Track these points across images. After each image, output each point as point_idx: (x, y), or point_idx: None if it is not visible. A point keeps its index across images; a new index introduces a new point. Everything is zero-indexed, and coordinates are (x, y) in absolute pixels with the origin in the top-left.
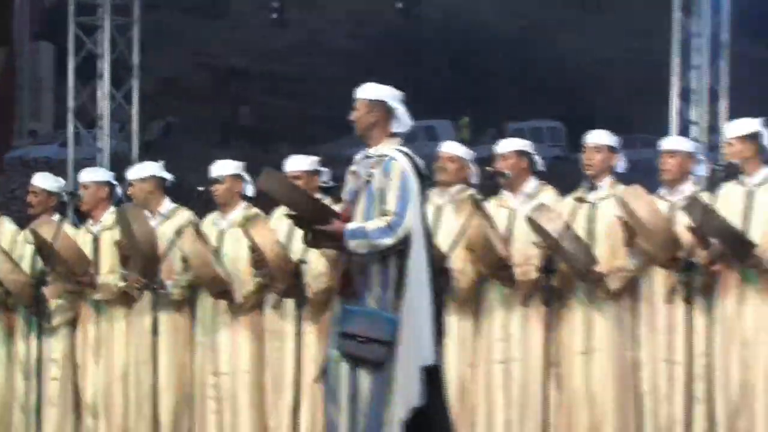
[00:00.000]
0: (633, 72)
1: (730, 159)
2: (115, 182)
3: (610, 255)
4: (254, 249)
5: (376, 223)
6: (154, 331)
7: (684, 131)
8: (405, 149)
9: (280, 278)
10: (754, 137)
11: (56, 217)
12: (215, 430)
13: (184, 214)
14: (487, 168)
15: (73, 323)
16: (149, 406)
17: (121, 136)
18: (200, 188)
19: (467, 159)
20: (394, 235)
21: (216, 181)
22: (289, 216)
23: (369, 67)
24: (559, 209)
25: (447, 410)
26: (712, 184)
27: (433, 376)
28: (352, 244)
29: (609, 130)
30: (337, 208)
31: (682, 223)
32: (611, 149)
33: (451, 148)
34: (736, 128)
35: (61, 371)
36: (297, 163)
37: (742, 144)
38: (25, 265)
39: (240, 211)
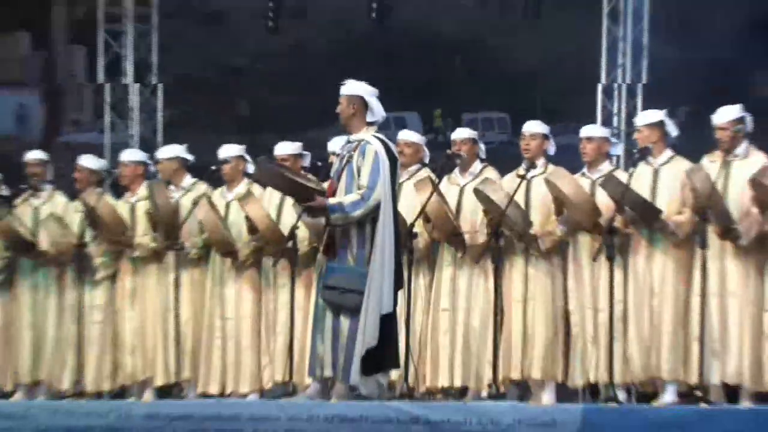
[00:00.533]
0: (567, 70)
1: (640, 144)
2: (149, 162)
3: (543, 221)
4: (248, 220)
5: (351, 198)
6: (177, 283)
7: (608, 121)
8: (380, 135)
9: (270, 243)
10: (660, 125)
11: (98, 190)
12: (219, 362)
13: (201, 188)
14: (447, 151)
15: (112, 277)
16: (174, 344)
17: (149, 124)
18: (212, 167)
19: (421, 144)
20: (365, 206)
21: (224, 161)
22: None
23: (348, 67)
24: (501, 183)
25: (396, 348)
26: (630, 164)
27: (387, 321)
28: (333, 217)
29: (546, 120)
30: (325, 184)
31: (601, 196)
32: (544, 136)
33: (407, 135)
34: (644, 117)
35: (102, 315)
36: (284, 148)
37: (650, 130)
38: (75, 230)
39: (243, 186)
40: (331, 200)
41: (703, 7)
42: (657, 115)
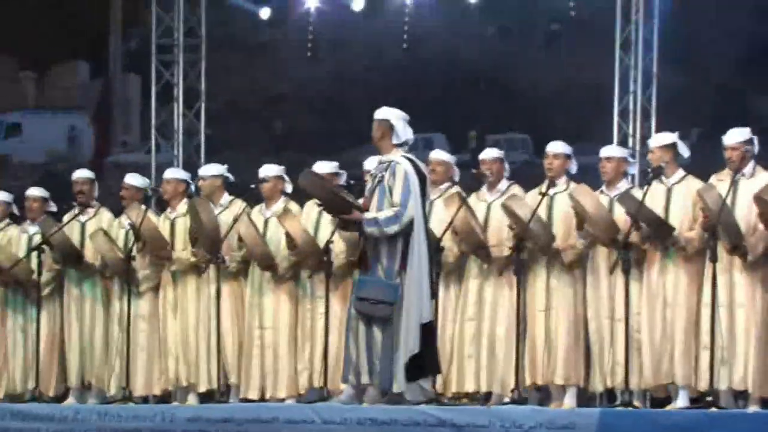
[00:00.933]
0: (584, 95)
1: (653, 164)
2: (190, 181)
3: (564, 235)
4: (288, 236)
5: (386, 214)
6: (218, 295)
7: (623, 142)
8: (409, 155)
9: (309, 257)
10: (672, 146)
11: (143, 207)
12: (258, 369)
13: (238, 205)
14: (473, 170)
15: (156, 289)
16: (215, 351)
17: (192, 146)
18: (252, 186)
19: (451, 162)
20: (399, 223)
21: (263, 180)
22: (320, 206)
23: (381, 93)
24: (525, 200)
25: (437, 355)
26: (644, 183)
27: (427, 330)
28: (368, 230)
29: (565, 141)
30: (360, 200)
31: (619, 213)
32: (567, 156)
33: (439, 154)
34: (657, 139)
35: (148, 325)
36: (322, 167)
37: (662, 151)
38: (120, 245)
39: (281, 203)
40: (367, 215)
41: (708, 37)
42: (670, 137)
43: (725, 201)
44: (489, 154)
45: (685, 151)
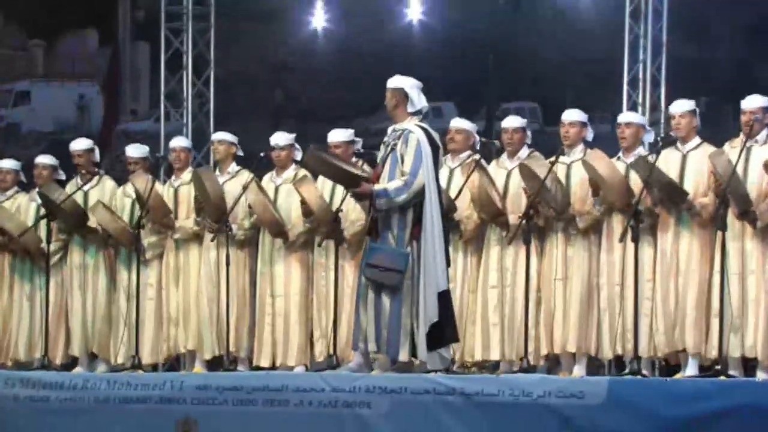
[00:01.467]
0: (593, 65)
1: (678, 131)
2: (193, 150)
3: (581, 202)
4: (303, 202)
5: (395, 184)
6: (227, 262)
7: (632, 111)
8: (422, 124)
9: (322, 225)
10: (693, 113)
11: (148, 175)
12: (269, 337)
13: (245, 174)
14: (482, 139)
15: (161, 257)
16: (216, 319)
17: (201, 114)
18: (261, 154)
19: (472, 131)
20: (407, 191)
21: (276, 148)
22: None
23: (388, 65)
24: (545, 161)
25: (454, 322)
26: (657, 150)
27: (444, 298)
28: (378, 202)
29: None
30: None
31: (635, 179)
32: (582, 124)
33: (458, 122)
34: (681, 105)
35: (155, 293)
36: (337, 135)
37: (689, 117)
38: (126, 214)
39: (291, 171)
40: (377, 186)
41: (718, 6)
42: (691, 103)
43: (735, 166)
44: (511, 122)
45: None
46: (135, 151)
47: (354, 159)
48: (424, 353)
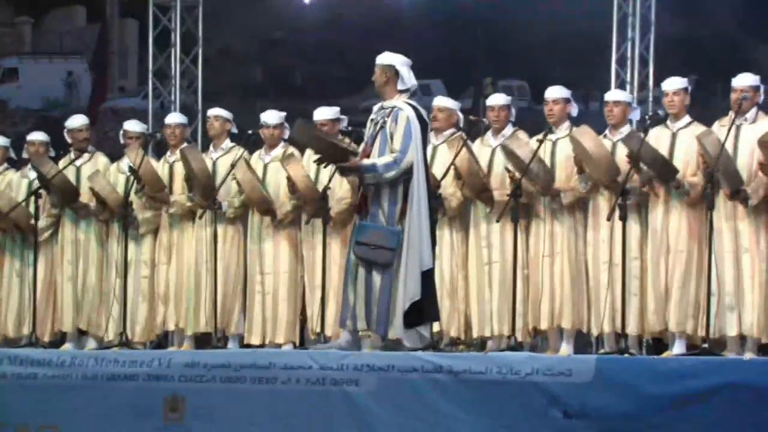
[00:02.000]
0: (581, 43)
1: (672, 107)
2: (188, 125)
3: (566, 179)
4: (290, 180)
5: (384, 159)
6: (214, 240)
7: (620, 88)
8: (411, 102)
9: (309, 202)
10: (686, 91)
11: (141, 150)
12: (260, 315)
13: (238, 151)
14: (470, 117)
15: (156, 233)
16: (210, 294)
17: (189, 91)
18: (249, 132)
19: (455, 109)
20: (397, 168)
21: (265, 126)
22: (316, 160)
23: (378, 40)
24: (526, 141)
25: (436, 302)
26: (645, 128)
27: (427, 276)
28: (367, 177)
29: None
30: (360, 147)
31: (621, 156)
32: (566, 100)
33: (441, 101)
34: (676, 82)
35: (149, 270)
36: (323, 113)
37: (683, 95)
38: (120, 189)
39: (280, 149)
40: (365, 161)
41: None
42: (684, 81)
43: (724, 146)
44: (497, 100)
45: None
46: (135, 126)
47: (340, 137)
48: (401, 330)
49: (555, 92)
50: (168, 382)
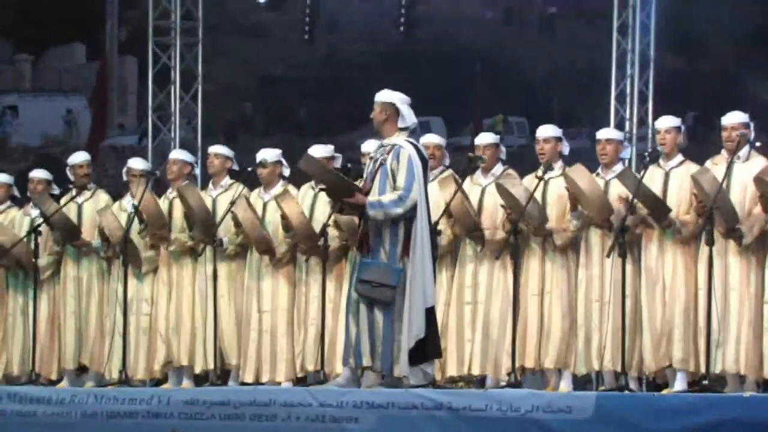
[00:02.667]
0: (580, 79)
1: (663, 146)
2: (194, 163)
3: (558, 219)
4: (284, 217)
5: (389, 197)
6: (215, 276)
7: (619, 125)
8: (411, 140)
9: (303, 240)
10: (678, 129)
11: (144, 189)
12: (255, 353)
13: (238, 188)
14: (469, 154)
15: (155, 271)
16: (211, 332)
17: (188, 128)
18: (248, 169)
19: (442, 145)
20: (403, 206)
21: (262, 164)
22: (322, 190)
23: (377, 76)
24: (520, 181)
25: (438, 339)
26: (645, 165)
27: (430, 314)
28: (371, 213)
29: (564, 124)
30: (359, 183)
31: (614, 195)
32: (557, 139)
33: (433, 138)
34: (666, 121)
35: (150, 308)
36: (318, 151)
37: (674, 133)
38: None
39: (279, 187)
40: (370, 198)
41: (705, 21)
42: (677, 120)
43: (722, 184)
44: (484, 139)
45: (683, 137)
46: (139, 164)
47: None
48: (406, 368)
49: (546, 131)
50: (168, 420)
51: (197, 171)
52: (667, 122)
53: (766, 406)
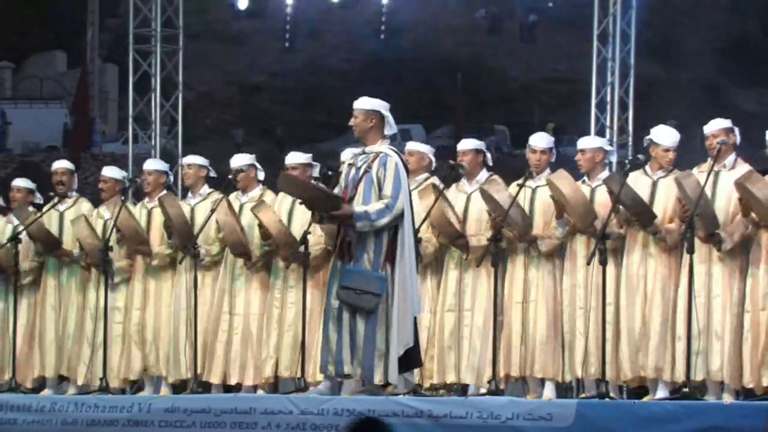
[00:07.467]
0: (561, 87)
1: (668, 163)
2: (169, 172)
3: (544, 226)
4: (261, 226)
5: (376, 206)
6: (195, 285)
7: (600, 133)
8: (394, 148)
9: (283, 247)
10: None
11: (121, 199)
12: (222, 356)
13: (216, 196)
14: (450, 161)
15: (128, 281)
16: (190, 342)
17: (169, 136)
18: (230, 177)
19: (426, 153)
20: (390, 215)
21: (238, 171)
22: (302, 203)
23: (358, 84)
24: (504, 186)
25: (419, 347)
26: (624, 173)
27: (415, 323)
28: (359, 225)
29: (541, 131)
30: (335, 190)
31: (599, 201)
32: (551, 150)
33: (411, 145)
34: (674, 137)
35: (123, 316)
36: (295, 158)
37: (674, 153)
38: (100, 236)
39: (257, 191)
40: (357, 208)
41: (685, 30)
42: (678, 137)
43: (704, 188)
44: (466, 145)
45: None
46: (113, 172)
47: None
48: (395, 376)
49: (543, 142)
50: (148, 428)
51: (179, 179)
52: (673, 140)
53: (746, 413)
